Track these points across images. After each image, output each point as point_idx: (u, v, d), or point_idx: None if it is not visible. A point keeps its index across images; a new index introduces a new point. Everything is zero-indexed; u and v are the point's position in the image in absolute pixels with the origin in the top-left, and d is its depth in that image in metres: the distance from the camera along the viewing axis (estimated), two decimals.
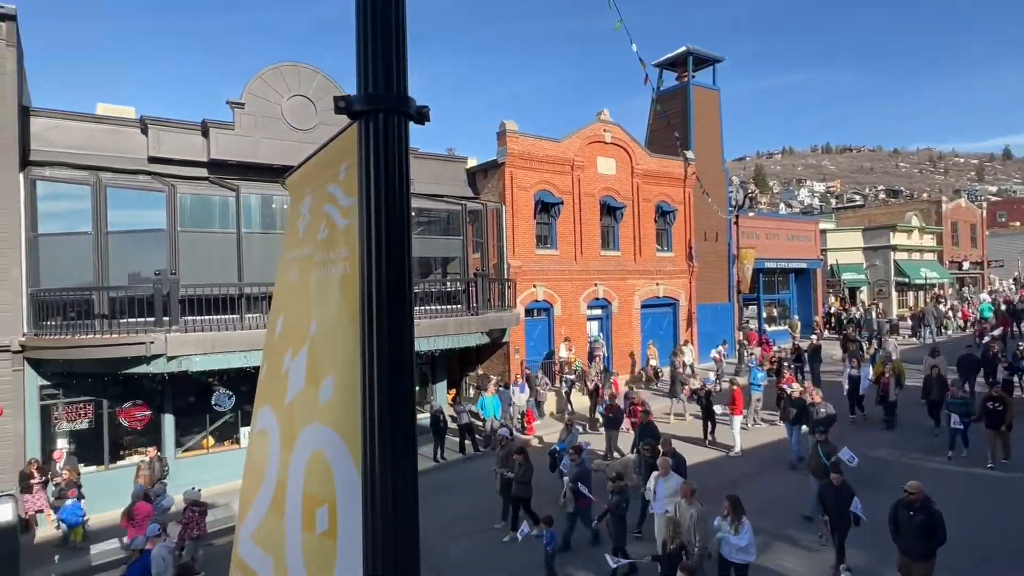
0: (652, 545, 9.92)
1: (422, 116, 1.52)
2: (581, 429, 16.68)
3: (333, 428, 1.59)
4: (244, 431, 15.43)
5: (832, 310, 35.32)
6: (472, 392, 20.20)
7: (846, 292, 39.51)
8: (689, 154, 25.77)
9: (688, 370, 21.22)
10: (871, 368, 18.38)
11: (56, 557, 11.61)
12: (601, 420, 16.51)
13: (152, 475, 12.66)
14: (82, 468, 13.30)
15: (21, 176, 13.09)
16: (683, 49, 27.56)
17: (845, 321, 31.18)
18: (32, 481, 12.15)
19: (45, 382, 13.32)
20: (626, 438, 15.50)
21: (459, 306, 17.71)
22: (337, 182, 1.71)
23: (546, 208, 21.44)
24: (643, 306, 24.31)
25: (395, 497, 1.43)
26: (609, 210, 23.19)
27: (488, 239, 20.10)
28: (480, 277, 18.16)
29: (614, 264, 23.26)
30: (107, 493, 13.28)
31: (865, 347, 22.74)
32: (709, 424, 16.25)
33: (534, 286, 20.88)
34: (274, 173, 16.04)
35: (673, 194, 25.33)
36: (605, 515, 9.87)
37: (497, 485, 11.85)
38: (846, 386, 17.57)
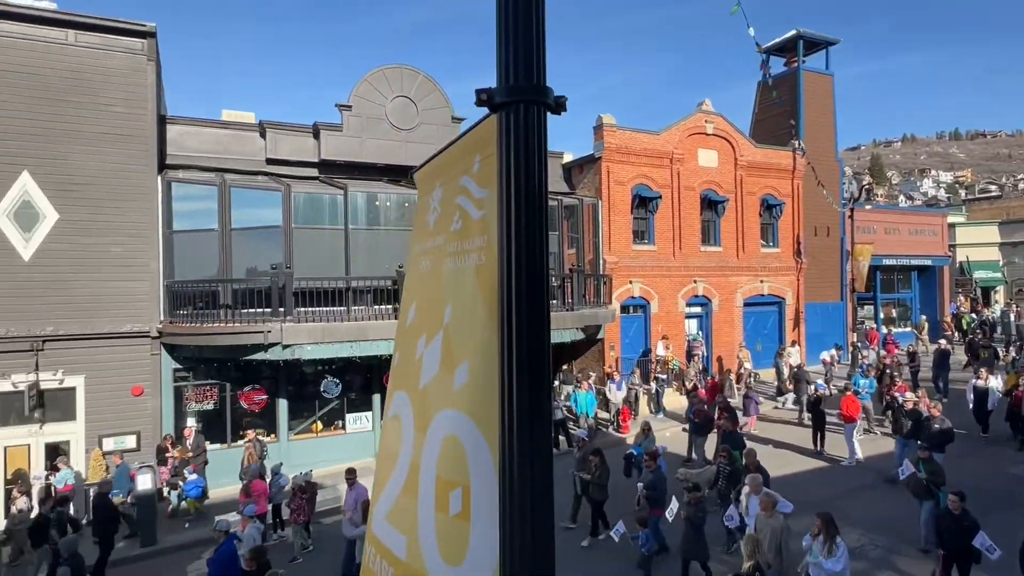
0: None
1: (559, 106, 1.52)
2: (681, 430, 16.19)
3: (467, 414, 1.63)
4: (349, 417, 16.27)
5: (958, 311, 32.01)
6: (566, 388, 20.20)
7: (978, 292, 35.94)
8: (799, 144, 24.36)
9: (796, 372, 20.11)
10: (1002, 378, 16.00)
11: (186, 524, 12.77)
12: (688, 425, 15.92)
13: (255, 453, 13.57)
14: (207, 445, 14.51)
15: (159, 179, 14.44)
16: (793, 33, 26.06)
17: (969, 324, 28.27)
18: (167, 455, 13.41)
19: (178, 365, 14.64)
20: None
21: (554, 301, 17.73)
22: (470, 174, 1.75)
23: (643, 203, 21.00)
24: (746, 304, 23.28)
25: (532, 484, 1.44)
26: (710, 204, 22.37)
27: (584, 234, 19.98)
28: (576, 273, 18.09)
29: (715, 260, 22.43)
30: (230, 470, 14.44)
31: (1001, 354, 20.56)
32: (819, 433, 15.22)
33: (630, 282, 20.53)
34: (378, 172, 16.77)
35: (780, 186, 24.05)
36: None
37: (576, 488, 11.69)
38: (971, 397, 15.55)
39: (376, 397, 16.48)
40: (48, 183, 13.47)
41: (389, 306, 14.69)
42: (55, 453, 13.67)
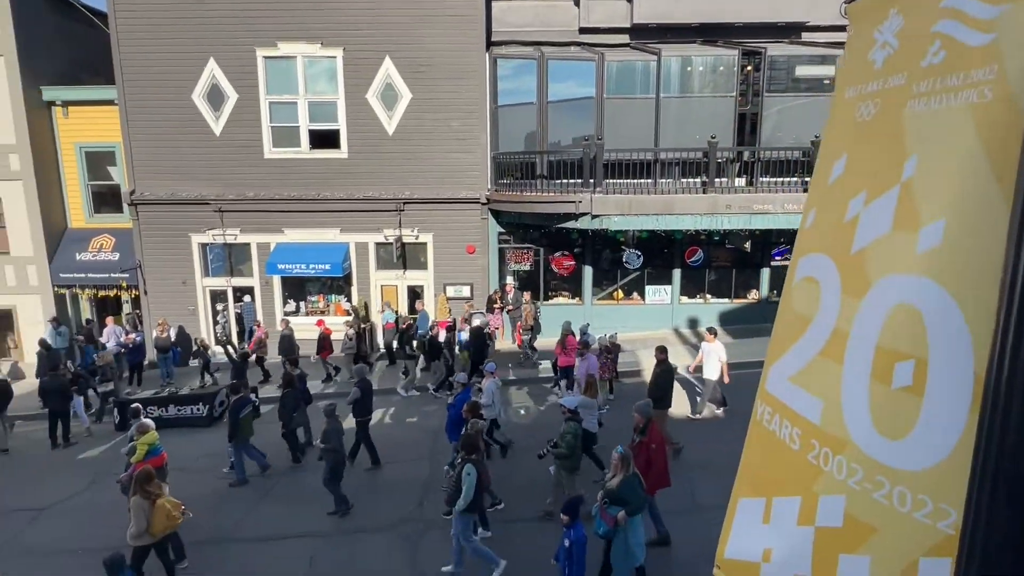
0: None
1: None
2: None
3: (935, 279, 1.43)
4: (649, 289, 16.70)
5: None
6: None
7: None
8: None
9: None
10: None
11: (509, 365, 14.94)
12: None
13: (531, 313, 15.04)
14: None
15: (487, 55, 15.61)
16: None
17: None
18: (495, 305, 15.58)
19: (501, 229, 16.52)
20: None
21: None
22: None
23: None
24: None
25: None
26: None
27: None
28: None
29: None
30: (543, 324, 16.23)
31: None
32: None
33: None
34: (692, 33, 15.57)
35: None
36: None
37: None
38: None
39: (676, 272, 16.52)
40: (403, 65, 15.61)
41: (697, 179, 14.15)
42: (414, 295, 16.97)
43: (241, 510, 9.48)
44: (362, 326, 16.20)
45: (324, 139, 16.12)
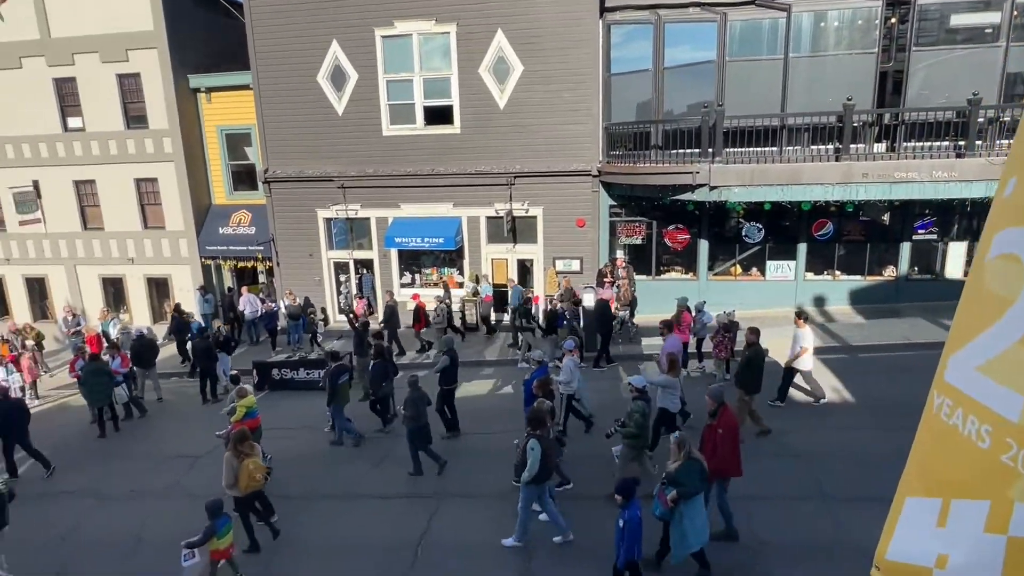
0: None
1: None
2: None
3: None
4: (770, 264, 15.78)
5: None
6: None
7: None
8: None
9: None
10: None
11: (618, 339, 14.73)
12: None
13: (629, 289, 14.88)
14: (637, 277, 16.06)
15: (600, 23, 15.15)
16: None
17: None
18: (605, 280, 15.35)
19: (612, 202, 16.17)
20: None
21: None
22: None
23: None
24: None
25: None
26: None
27: None
28: None
29: None
30: (653, 299, 15.85)
31: None
32: None
33: None
34: None
35: None
36: None
37: None
38: None
39: (801, 247, 15.46)
40: (515, 38, 15.52)
41: (829, 146, 13.06)
42: (524, 269, 17.09)
43: (332, 469, 10.25)
44: (472, 298, 16.64)
45: (438, 115, 16.46)
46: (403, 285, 17.79)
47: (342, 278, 18.36)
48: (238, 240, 18.41)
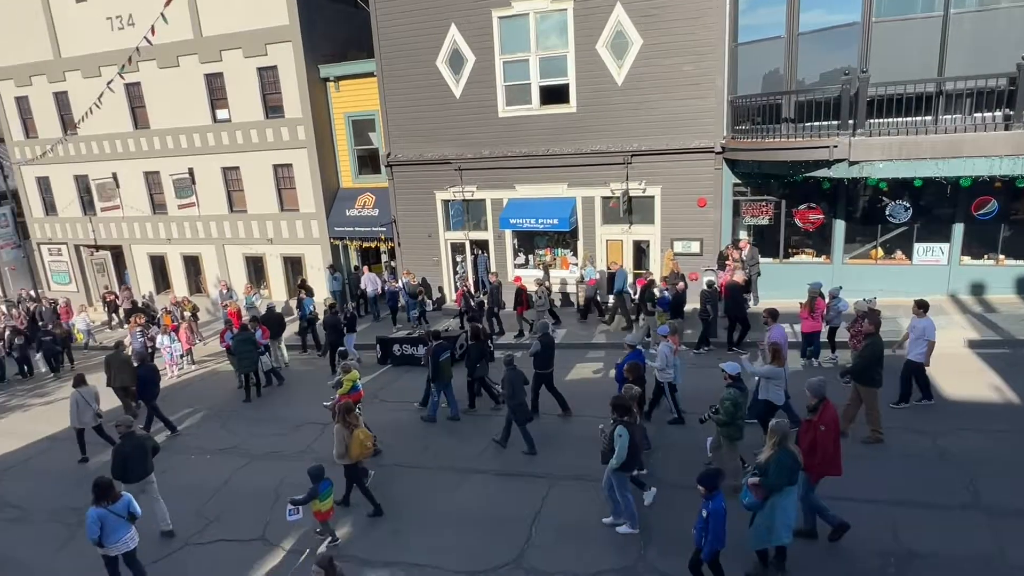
0: None
1: None
2: None
3: None
4: (918, 247, 14.28)
5: None
6: None
7: None
8: None
9: None
10: None
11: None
12: None
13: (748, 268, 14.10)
14: (761, 259, 15.12)
15: None
16: None
17: None
18: (727, 261, 14.59)
19: (736, 180, 15.28)
20: None
21: None
22: None
23: None
24: None
25: None
26: None
27: None
28: None
29: None
30: (780, 284, 14.88)
31: None
32: None
33: None
34: None
35: None
36: None
37: None
38: None
39: (957, 227, 13.83)
40: (634, 10, 14.95)
41: (997, 113, 11.47)
42: (639, 251, 16.64)
43: (446, 443, 10.61)
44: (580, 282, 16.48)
45: (553, 94, 16.29)
46: (517, 266, 17.95)
47: (458, 258, 18.83)
48: (363, 222, 19.38)
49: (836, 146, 12.23)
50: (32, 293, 23.82)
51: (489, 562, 7.32)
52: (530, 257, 18.04)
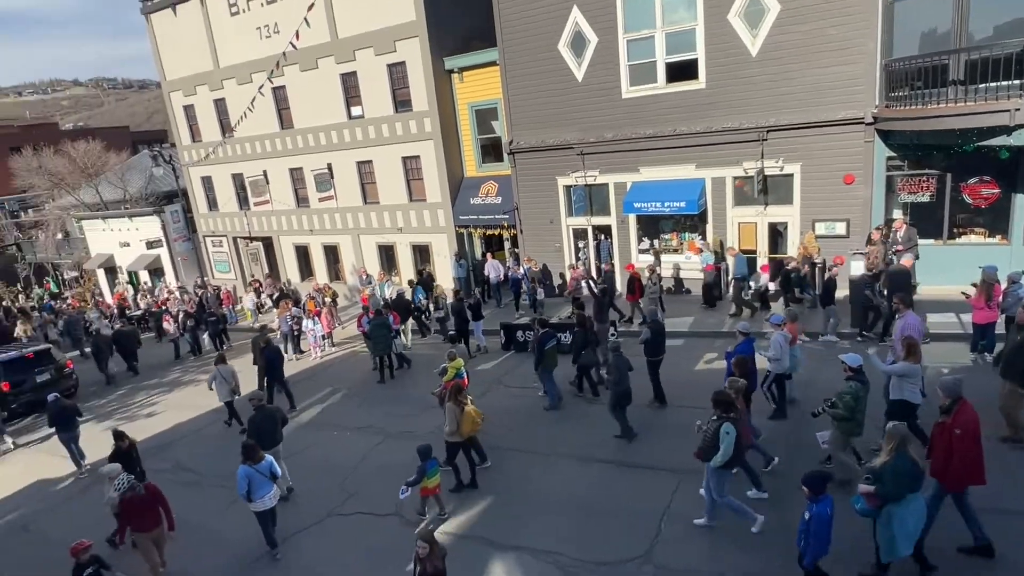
0: None
1: None
2: None
3: None
4: None
5: None
6: None
7: None
8: None
9: None
10: None
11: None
12: None
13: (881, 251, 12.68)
14: (920, 240, 13.53)
15: None
16: None
17: None
18: (869, 245, 13.19)
19: (891, 153, 13.75)
20: None
21: None
22: None
23: None
24: None
25: None
26: None
27: None
28: None
29: None
30: (943, 267, 13.25)
31: None
32: None
33: None
34: None
35: None
36: None
37: None
38: None
39: None
40: None
41: None
42: (776, 234, 15.53)
43: (569, 429, 10.60)
44: (717, 266, 15.67)
45: (680, 71, 15.53)
46: (641, 251, 17.44)
47: (580, 244, 18.64)
48: (486, 209, 19.72)
49: (1018, 109, 10.62)
50: (199, 280, 26.81)
51: (617, 554, 7.18)
52: (655, 242, 17.45)
